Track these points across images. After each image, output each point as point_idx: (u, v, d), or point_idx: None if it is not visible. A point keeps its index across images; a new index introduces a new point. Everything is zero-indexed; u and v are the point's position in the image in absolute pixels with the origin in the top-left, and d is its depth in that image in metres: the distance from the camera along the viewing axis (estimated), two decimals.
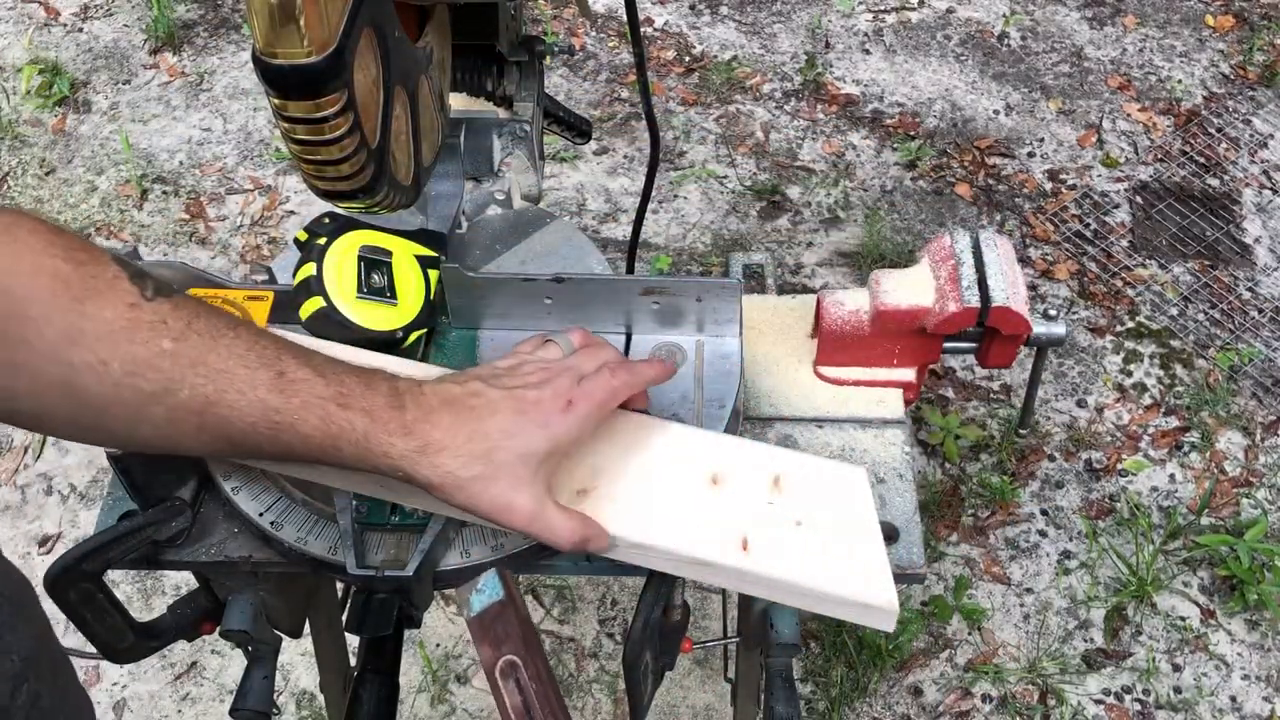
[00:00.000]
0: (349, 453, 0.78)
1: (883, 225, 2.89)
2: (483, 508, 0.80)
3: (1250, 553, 2.25)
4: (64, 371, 0.73)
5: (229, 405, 0.76)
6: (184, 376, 0.75)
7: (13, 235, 0.72)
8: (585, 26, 3.44)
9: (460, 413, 0.81)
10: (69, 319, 0.72)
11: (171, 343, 0.75)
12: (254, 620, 1.06)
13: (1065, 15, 3.49)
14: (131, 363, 0.74)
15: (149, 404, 0.75)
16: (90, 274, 0.74)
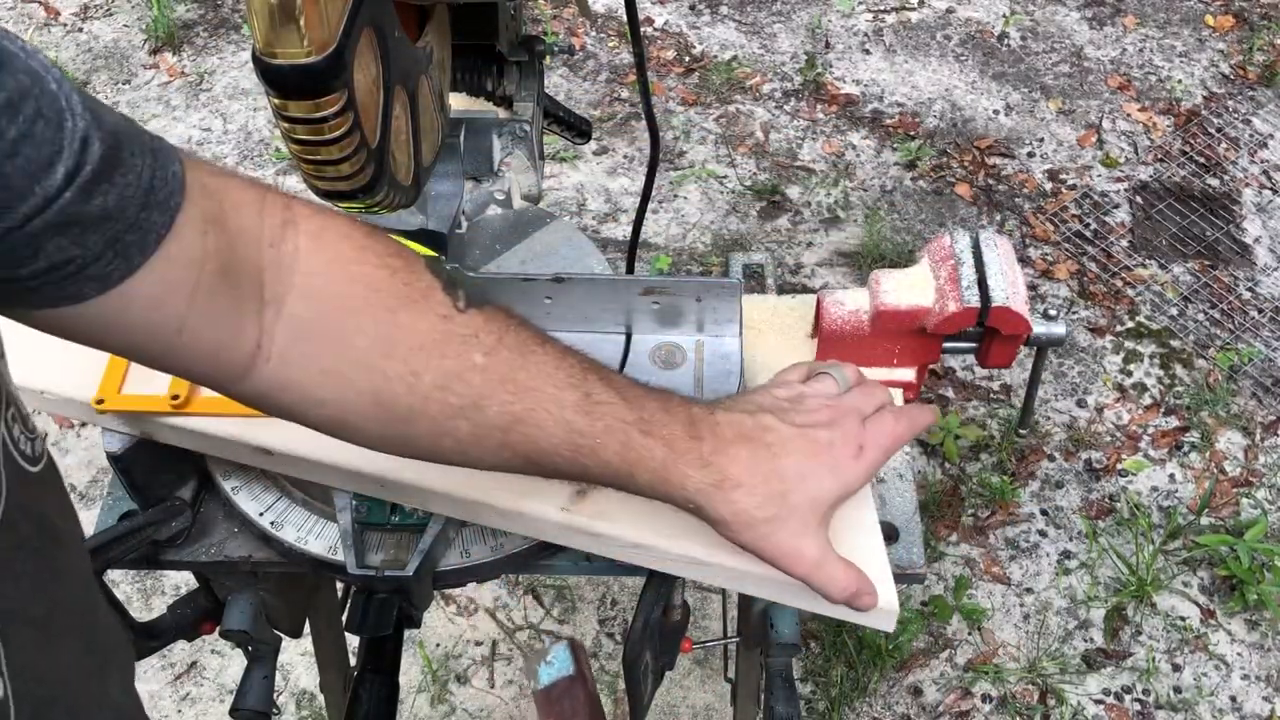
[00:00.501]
0: (643, 480, 0.77)
1: (883, 225, 2.89)
2: (768, 550, 0.78)
3: (1250, 553, 2.25)
4: (375, 381, 0.72)
5: (536, 424, 0.74)
6: (493, 393, 0.74)
7: (324, 241, 0.71)
8: (585, 26, 3.44)
9: (756, 449, 0.79)
10: (382, 329, 0.71)
11: (483, 357, 0.73)
12: (254, 620, 1.06)
13: (1065, 15, 3.50)
14: (443, 376, 0.72)
15: (456, 418, 0.74)
16: (404, 282, 0.73)
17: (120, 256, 0.60)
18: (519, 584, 2.26)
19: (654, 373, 1.07)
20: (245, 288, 0.68)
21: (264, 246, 0.68)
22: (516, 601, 2.24)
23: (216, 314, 0.67)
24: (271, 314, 0.69)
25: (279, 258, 0.69)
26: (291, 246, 0.70)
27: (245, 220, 0.68)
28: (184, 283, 0.64)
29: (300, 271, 0.70)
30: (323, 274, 0.71)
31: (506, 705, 2.10)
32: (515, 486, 0.90)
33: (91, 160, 0.57)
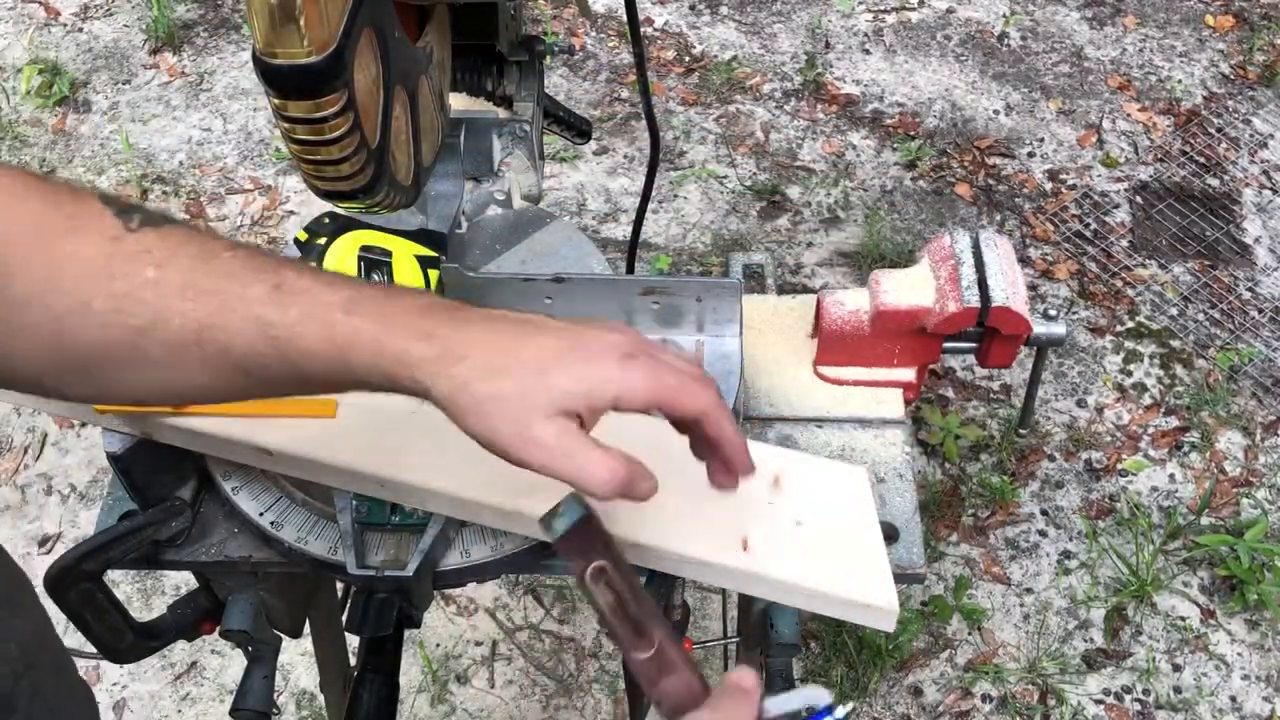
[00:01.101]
0: (359, 364, 0.67)
1: (883, 225, 2.89)
2: (501, 435, 0.67)
3: (1250, 553, 2.25)
4: (51, 323, 0.67)
5: (223, 327, 0.67)
6: (171, 304, 0.67)
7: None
8: (585, 26, 3.44)
9: (499, 329, 0.69)
10: (48, 263, 0.66)
11: (155, 270, 0.67)
12: (254, 620, 1.06)
13: (1065, 15, 3.49)
14: (113, 298, 0.67)
15: (142, 341, 0.68)
16: (69, 214, 0.67)
17: None
18: (519, 584, 2.26)
19: None
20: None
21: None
22: (516, 601, 2.24)
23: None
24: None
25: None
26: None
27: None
28: None
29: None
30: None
31: (506, 705, 2.10)
32: (516, 487, 0.90)
33: None
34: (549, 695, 2.11)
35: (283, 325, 0.67)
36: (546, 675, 2.14)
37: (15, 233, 0.66)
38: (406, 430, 0.94)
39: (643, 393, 0.69)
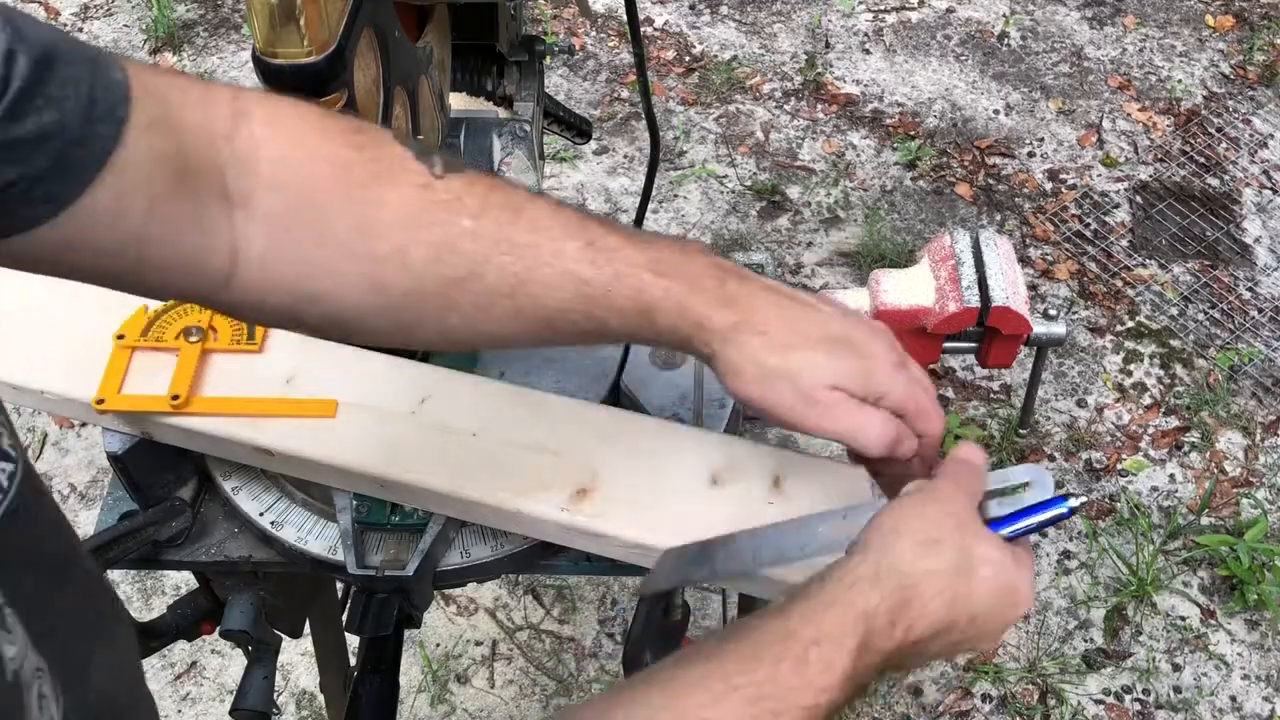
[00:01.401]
0: (663, 323, 0.70)
1: (883, 225, 2.89)
2: (782, 401, 0.70)
3: (1250, 553, 2.25)
4: (364, 266, 0.67)
5: (540, 282, 0.69)
6: (489, 256, 0.68)
7: (282, 127, 0.67)
8: (585, 26, 3.44)
9: (786, 306, 0.72)
10: (359, 209, 0.67)
11: (471, 221, 0.68)
12: (254, 620, 1.06)
13: (1065, 15, 3.50)
14: (432, 248, 0.67)
15: (454, 290, 0.68)
16: (372, 157, 0.68)
17: (68, 173, 0.57)
18: (519, 584, 2.26)
19: (654, 373, 1.07)
20: (206, 190, 0.64)
21: (218, 141, 0.64)
22: (516, 601, 2.24)
23: (181, 223, 0.63)
24: (242, 215, 0.65)
25: (236, 152, 0.65)
26: (247, 137, 0.65)
27: (193, 117, 0.63)
28: (140, 194, 0.60)
29: (264, 161, 0.66)
30: (286, 161, 0.66)
31: (506, 705, 2.10)
32: (515, 487, 0.90)
33: (18, 76, 0.54)
34: (549, 695, 2.12)
35: (597, 283, 0.69)
36: (546, 675, 2.14)
37: (324, 175, 0.67)
38: (406, 430, 0.94)
39: (900, 401, 0.75)
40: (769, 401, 0.71)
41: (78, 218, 0.58)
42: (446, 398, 0.96)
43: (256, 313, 0.70)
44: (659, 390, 1.05)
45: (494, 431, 0.94)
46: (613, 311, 0.70)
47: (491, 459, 0.92)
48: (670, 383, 1.06)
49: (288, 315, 0.70)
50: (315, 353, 1.00)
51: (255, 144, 0.65)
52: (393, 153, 0.69)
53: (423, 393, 0.96)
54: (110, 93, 0.58)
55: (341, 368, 0.99)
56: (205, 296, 0.67)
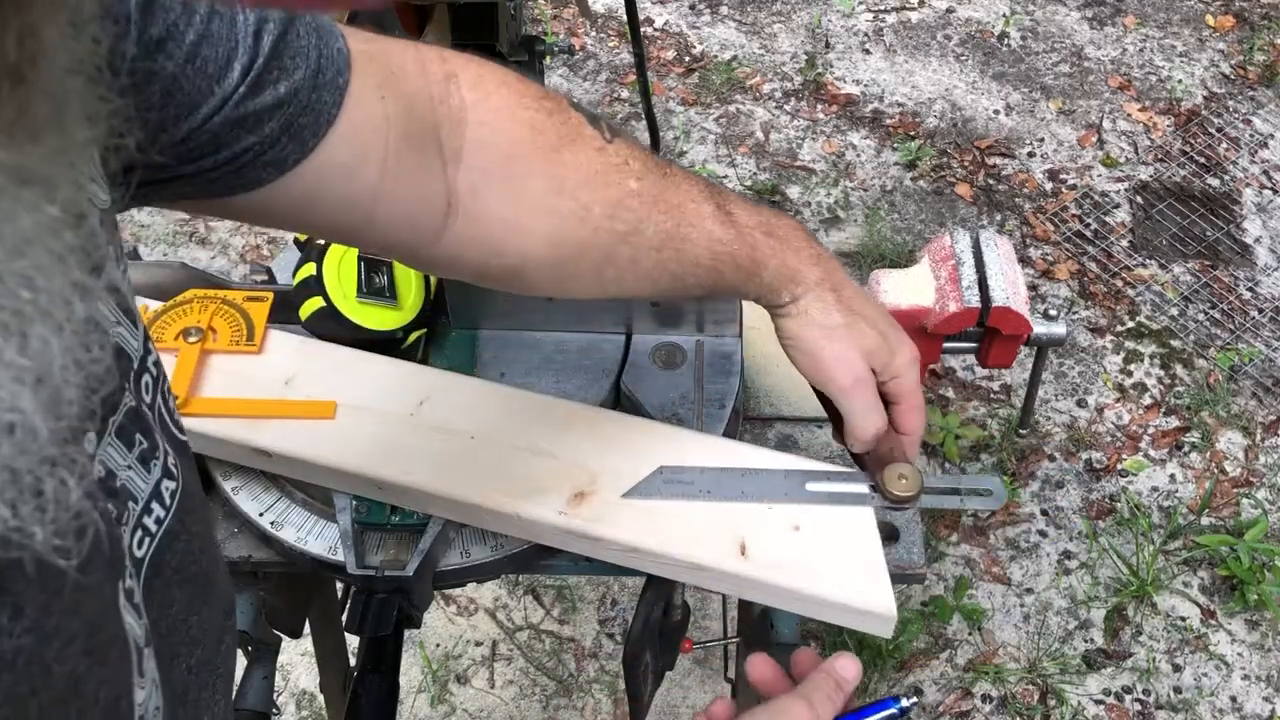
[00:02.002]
0: (767, 277, 0.81)
1: (883, 225, 2.89)
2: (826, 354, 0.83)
3: (1250, 553, 2.24)
4: (550, 222, 0.74)
5: (683, 238, 0.78)
6: (649, 214, 0.76)
7: (486, 90, 0.72)
8: (585, 26, 3.44)
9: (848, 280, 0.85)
10: (551, 168, 0.73)
11: (636, 182, 0.76)
12: (254, 620, 1.06)
13: (1065, 15, 3.49)
14: (609, 205, 0.75)
15: (619, 244, 0.76)
16: (560, 121, 0.74)
17: (294, 140, 0.61)
18: (519, 584, 2.26)
19: (654, 373, 1.07)
20: (428, 148, 0.69)
21: (435, 104, 0.70)
22: (516, 601, 2.24)
23: (408, 178, 0.68)
24: (453, 170, 0.71)
25: (450, 113, 0.70)
26: (458, 100, 0.71)
27: (413, 82, 0.68)
28: (374, 152, 0.65)
29: (471, 123, 0.71)
30: (491, 123, 0.72)
31: (506, 705, 2.10)
32: (513, 489, 0.90)
33: (263, 52, 0.58)
34: (549, 695, 2.11)
35: (725, 241, 0.79)
36: (546, 675, 2.14)
37: (523, 140, 0.73)
38: (405, 432, 0.94)
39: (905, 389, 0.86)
40: (820, 349, 0.83)
41: (303, 178, 0.62)
42: (445, 400, 0.96)
43: (450, 267, 0.76)
44: (659, 390, 1.05)
45: (492, 434, 0.94)
46: (733, 267, 0.80)
47: (489, 461, 0.92)
48: (670, 383, 1.06)
49: (477, 269, 0.76)
50: (314, 354, 1.00)
51: (464, 106, 0.71)
52: (574, 117, 0.76)
53: (421, 395, 0.96)
54: (333, 62, 0.62)
55: (340, 369, 0.99)
56: (418, 249, 0.73)
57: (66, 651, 0.41)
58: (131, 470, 0.50)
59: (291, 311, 1.04)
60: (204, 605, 0.58)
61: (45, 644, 0.40)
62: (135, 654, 0.47)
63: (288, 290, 1.05)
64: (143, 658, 0.48)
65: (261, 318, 1.03)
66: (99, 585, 0.44)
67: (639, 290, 0.81)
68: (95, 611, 0.44)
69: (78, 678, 0.42)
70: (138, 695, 0.47)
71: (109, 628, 0.45)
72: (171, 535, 0.53)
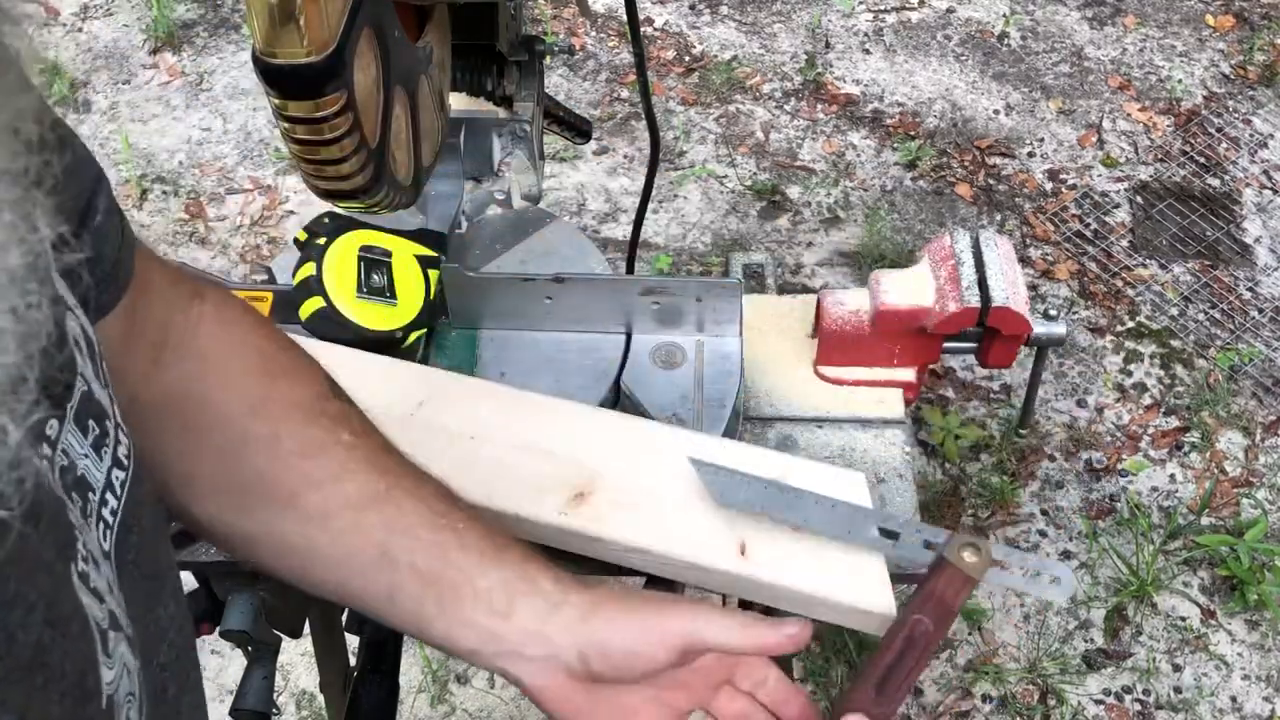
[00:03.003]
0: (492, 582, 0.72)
1: (883, 225, 2.89)
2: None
3: (1250, 553, 2.24)
4: (235, 442, 0.70)
5: (395, 504, 0.70)
6: (357, 469, 0.71)
7: (226, 312, 0.73)
8: (585, 26, 3.44)
9: None
10: (258, 390, 0.71)
11: (351, 436, 0.72)
12: (254, 620, 1.06)
13: (1065, 15, 3.49)
14: (306, 444, 0.71)
15: (309, 491, 0.70)
16: (291, 358, 0.74)
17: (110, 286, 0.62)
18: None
19: (654, 372, 1.07)
20: (139, 345, 0.68)
21: (174, 312, 0.71)
22: None
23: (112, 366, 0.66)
24: (158, 371, 0.70)
25: (185, 321, 0.71)
26: (197, 314, 0.72)
27: (164, 286, 0.70)
28: (115, 338, 0.64)
29: (201, 335, 0.71)
30: (218, 337, 0.72)
31: (506, 705, 2.10)
32: (513, 490, 0.90)
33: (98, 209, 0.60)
34: None
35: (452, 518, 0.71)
36: None
37: (237, 358, 0.72)
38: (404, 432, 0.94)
39: None
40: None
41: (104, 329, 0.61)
42: (445, 400, 0.96)
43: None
44: (659, 390, 1.05)
45: (492, 434, 0.94)
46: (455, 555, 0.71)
47: (489, 462, 0.92)
48: (670, 383, 1.06)
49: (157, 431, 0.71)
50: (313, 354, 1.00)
51: (201, 318, 0.72)
52: (307, 360, 0.75)
53: (421, 395, 0.96)
54: (130, 231, 0.65)
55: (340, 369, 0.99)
56: None
57: (29, 619, 0.41)
58: (88, 459, 0.50)
59: (291, 311, 1.04)
60: (161, 600, 0.57)
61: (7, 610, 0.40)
62: (98, 633, 0.47)
63: (288, 290, 1.05)
64: (108, 639, 0.48)
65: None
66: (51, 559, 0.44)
67: (333, 569, 0.71)
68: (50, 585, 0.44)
69: (43, 647, 0.42)
70: (105, 674, 0.47)
71: (67, 602, 0.45)
72: (125, 528, 0.53)
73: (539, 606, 0.71)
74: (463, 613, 0.71)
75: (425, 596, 0.70)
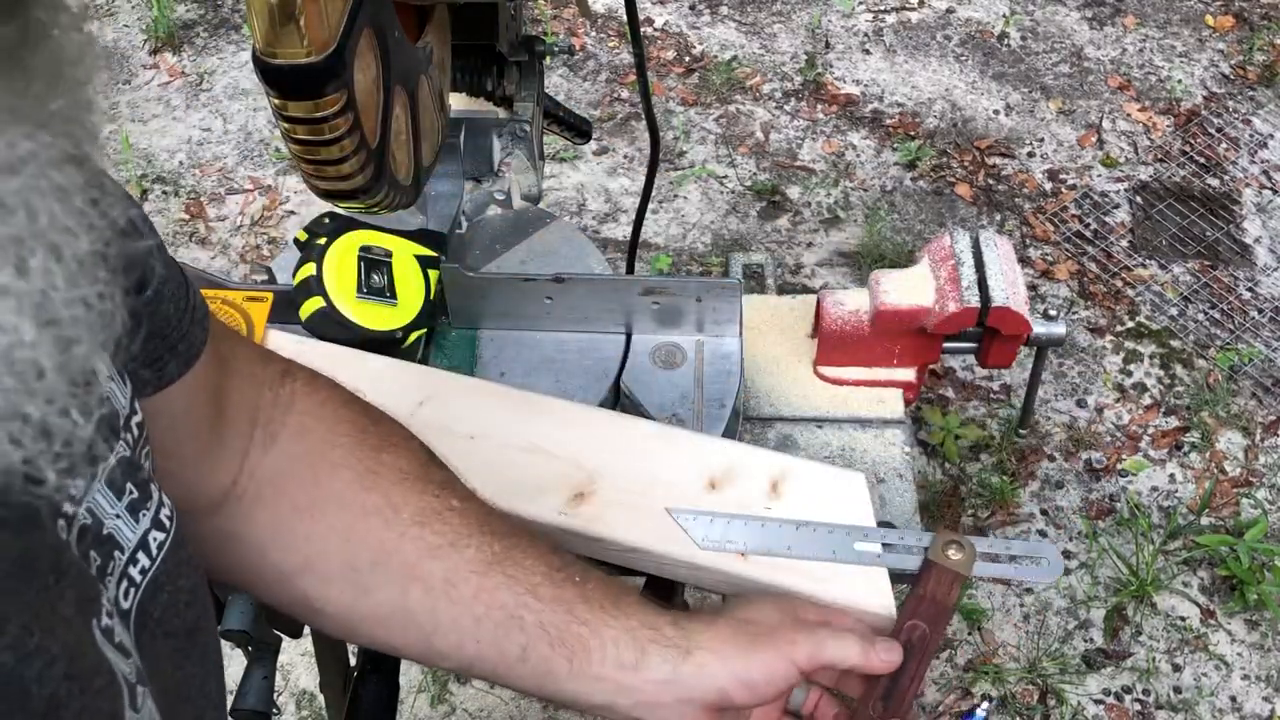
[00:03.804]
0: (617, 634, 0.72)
1: (883, 225, 2.89)
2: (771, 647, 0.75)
3: (1250, 553, 2.24)
4: (350, 517, 0.71)
5: (515, 563, 0.71)
6: (471, 533, 0.71)
7: (317, 387, 0.74)
8: (585, 26, 3.44)
9: None
10: (366, 463, 0.72)
11: (460, 502, 0.73)
12: (254, 620, 1.05)
13: (1065, 15, 3.49)
14: (421, 512, 0.71)
15: (430, 560, 0.70)
16: (387, 430, 0.75)
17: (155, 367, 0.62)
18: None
19: (654, 373, 1.07)
20: (233, 428, 0.69)
21: (263, 390, 0.71)
22: None
23: (201, 449, 0.68)
24: (257, 454, 0.70)
25: (276, 400, 0.72)
26: (289, 391, 0.72)
27: (249, 366, 0.71)
28: (193, 412, 0.66)
29: (295, 411, 0.72)
30: (314, 414, 0.73)
31: (506, 705, 2.10)
32: (513, 490, 0.90)
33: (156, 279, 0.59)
34: None
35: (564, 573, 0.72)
36: None
37: (340, 435, 0.72)
38: None
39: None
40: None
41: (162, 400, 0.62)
42: (445, 400, 0.96)
43: (229, 546, 0.72)
44: (659, 390, 1.05)
45: (492, 434, 0.94)
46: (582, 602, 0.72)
47: (489, 461, 0.92)
48: (670, 383, 1.06)
49: (251, 557, 0.72)
50: (313, 354, 1.00)
51: (294, 396, 0.72)
52: (403, 431, 0.76)
53: (421, 394, 0.96)
54: (202, 305, 0.65)
55: (340, 369, 0.99)
56: (190, 513, 0.67)
57: (48, 673, 0.41)
58: (120, 519, 0.51)
59: (291, 311, 1.04)
60: (187, 660, 0.57)
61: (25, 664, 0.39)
62: (126, 688, 0.46)
63: (288, 290, 1.05)
64: (135, 694, 0.47)
65: (261, 317, 1.03)
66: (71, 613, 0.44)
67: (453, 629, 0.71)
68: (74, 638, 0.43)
69: (58, 702, 0.41)
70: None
71: (90, 656, 0.44)
72: (156, 586, 0.53)
73: (669, 656, 0.71)
74: (592, 668, 0.71)
75: (555, 656, 0.70)
